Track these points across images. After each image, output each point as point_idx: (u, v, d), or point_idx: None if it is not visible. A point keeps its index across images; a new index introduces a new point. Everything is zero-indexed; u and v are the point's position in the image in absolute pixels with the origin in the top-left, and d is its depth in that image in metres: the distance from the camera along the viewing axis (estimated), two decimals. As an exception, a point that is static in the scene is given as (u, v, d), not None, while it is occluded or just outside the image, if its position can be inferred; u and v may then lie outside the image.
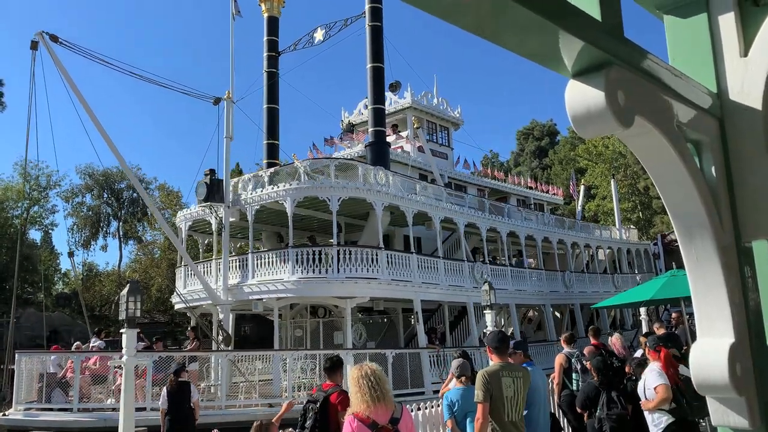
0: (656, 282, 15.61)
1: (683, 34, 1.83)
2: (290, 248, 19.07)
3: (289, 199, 18.95)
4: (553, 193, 38.77)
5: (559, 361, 10.14)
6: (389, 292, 19.81)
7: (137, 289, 11.19)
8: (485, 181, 33.09)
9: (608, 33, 1.32)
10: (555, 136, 70.55)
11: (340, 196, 18.98)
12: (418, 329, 20.02)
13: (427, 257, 21.96)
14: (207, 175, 19.48)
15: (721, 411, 1.56)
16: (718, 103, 1.70)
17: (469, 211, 24.20)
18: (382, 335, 22.61)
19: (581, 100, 1.28)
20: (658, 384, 6.21)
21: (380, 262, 19.11)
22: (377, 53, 24.43)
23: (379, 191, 19.92)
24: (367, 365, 4.47)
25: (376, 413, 4.20)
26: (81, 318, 42.27)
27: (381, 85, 24.70)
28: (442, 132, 31.86)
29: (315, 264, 18.50)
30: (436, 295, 21.39)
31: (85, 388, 15.31)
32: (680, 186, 1.50)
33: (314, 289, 18.69)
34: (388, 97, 29.28)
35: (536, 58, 1.28)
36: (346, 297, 18.70)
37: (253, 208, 19.89)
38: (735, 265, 1.60)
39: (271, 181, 20.05)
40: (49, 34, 15.90)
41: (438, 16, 1.12)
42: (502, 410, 5.23)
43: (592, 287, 30.55)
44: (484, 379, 5.29)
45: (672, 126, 1.46)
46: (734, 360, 1.50)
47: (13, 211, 45.91)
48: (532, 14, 1.12)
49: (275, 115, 27.81)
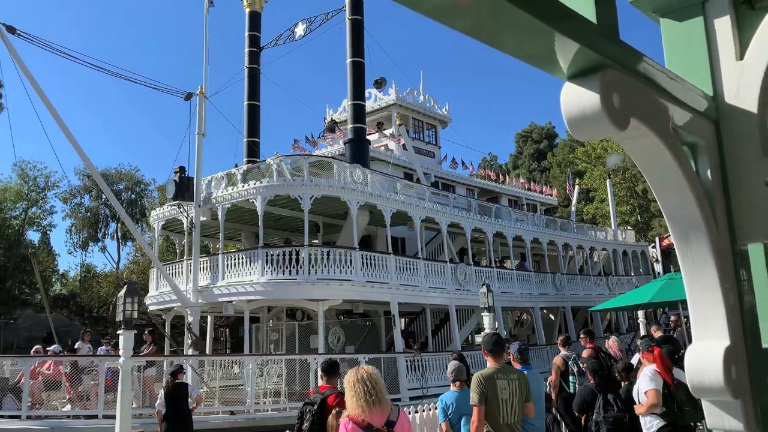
0: (654, 285, 15.65)
1: (679, 37, 1.83)
2: (260, 248, 18.41)
3: (259, 198, 18.29)
4: (547, 194, 37.93)
5: (556, 364, 10.15)
6: (364, 295, 19.16)
7: (135, 291, 11.20)
8: (475, 181, 32.35)
9: (603, 35, 1.32)
10: (554, 138, 70.63)
11: (313, 194, 18.29)
12: (395, 333, 19.41)
13: (405, 258, 21.23)
14: (176, 173, 18.72)
15: (717, 414, 1.56)
16: (714, 106, 1.71)
17: (453, 211, 23.41)
18: (362, 339, 21.84)
19: (576, 102, 1.28)
20: (649, 389, 6.24)
21: (355, 264, 18.44)
22: (357, 47, 23.86)
23: (354, 189, 19.17)
24: (363, 369, 4.47)
25: (371, 416, 4.21)
26: (79, 319, 42.27)
27: (361, 81, 24.06)
28: (429, 130, 31.05)
29: (285, 265, 17.79)
30: (415, 297, 20.78)
31: (38, 394, 14.62)
32: (676, 189, 1.50)
33: (284, 291, 17.98)
34: (372, 94, 28.82)
35: (532, 60, 1.28)
36: (318, 299, 18.02)
37: (224, 207, 19.23)
38: (730, 267, 1.61)
39: (245, 179, 19.33)
40: (5, 25, 14.38)
41: (434, 19, 1.12)
42: (498, 413, 5.21)
43: (584, 290, 29.91)
44: (479, 381, 5.27)
45: (667, 129, 1.46)
46: (729, 363, 1.50)
47: (11, 212, 45.87)
48: (528, 17, 1.12)
49: (256, 112, 27.09)
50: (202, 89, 19.10)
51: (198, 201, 18.95)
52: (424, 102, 30.47)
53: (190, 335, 17.88)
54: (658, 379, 6.27)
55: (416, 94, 30.18)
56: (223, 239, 20.35)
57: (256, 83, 27.29)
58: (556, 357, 10.45)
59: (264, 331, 22.91)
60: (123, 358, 10.78)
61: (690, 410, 5.91)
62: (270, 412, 15.84)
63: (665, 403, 6.12)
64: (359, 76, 23.92)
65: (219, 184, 19.95)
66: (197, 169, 18.91)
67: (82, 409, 14.49)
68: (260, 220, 18.46)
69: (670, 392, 6.07)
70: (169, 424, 10.50)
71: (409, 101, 29.31)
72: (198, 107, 18.81)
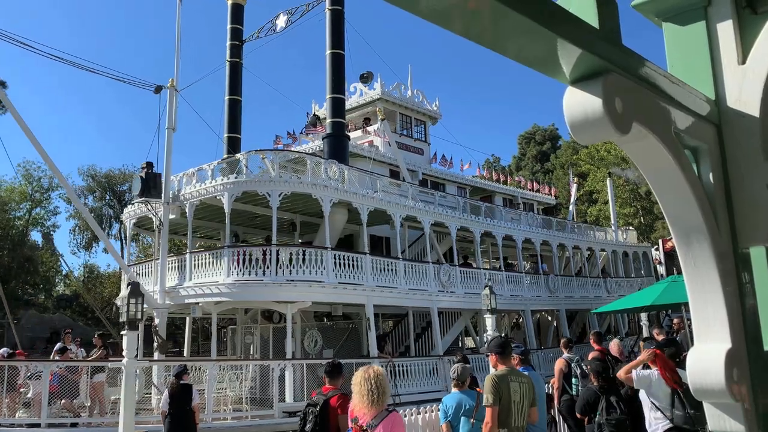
0: (657, 287, 15.63)
1: (682, 41, 1.84)
2: (226, 247, 17.67)
3: (226, 195, 17.53)
4: (546, 193, 36.58)
5: (559, 366, 10.15)
6: (336, 297, 18.32)
7: (138, 291, 11.22)
8: (467, 179, 31.12)
9: (606, 40, 1.33)
10: (557, 140, 70.55)
11: (282, 191, 17.46)
12: (370, 337, 18.53)
13: (383, 259, 20.23)
14: (143, 169, 17.81)
15: (718, 416, 1.57)
16: (716, 110, 1.72)
17: (438, 210, 22.31)
18: (342, 342, 20.69)
19: (579, 106, 1.29)
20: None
21: (327, 264, 17.61)
22: (337, 39, 23.05)
23: (327, 186, 18.25)
24: (372, 368, 4.74)
25: (361, 411, 4.55)
26: (82, 319, 42.38)
27: (341, 74, 23.18)
28: (418, 126, 29.83)
29: (251, 265, 17.01)
30: (394, 299, 19.85)
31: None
32: (678, 192, 1.51)
33: (251, 293, 17.13)
34: (357, 88, 28.07)
35: (534, 65, 1.29)
36: (287, 302, 17.23)
37: (192, 204, 18.38)
38: (732, 270, 1.61)
39: (215, 176, 18.50)
40: None
41: (433, 22, 1.13)
42: (510, 415, 5.24)
43: (580, 292, 28.75)
44: (494, 382, 5.30)
45: (670, 133, 1.47)
46: (731, 365, 1.51)
47: (15, 212, 46.00)
48: (530, 22, 1.13)
49: (237, 107, 26.12)
50: (173, 82, 18.36)
51: (167, 198, 18.21)
52: (413, 97, 29.25)
53: (156, 338, 17.24)
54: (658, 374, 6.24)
55: (403, 89, 28.98)
56: (192, 238, 19.54)
57: (238, 77, 26.34)
58: (559, 359, 10.45)
59: (240, 334, 22.20)
60: (126, 359, 10.80)
61: (698, 414, 5.86)
62: (229, 421, 15.08)
63: (674, 406, 6.08)
64: (339, 68, 23.05)
65: (190, 180, 19.12)
66: (167, 165, 18.15)
67: (27, 417, 13.45)
68: (227, 218, 17.74)
69: (679, 395, 6.03)
70: (172, 425, 10.54)
71: (395, 96, 28.16)
72: (169, 101, 18.10)
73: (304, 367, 16.31)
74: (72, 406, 13.85)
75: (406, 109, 28.82)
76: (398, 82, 28.86)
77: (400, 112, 28.60)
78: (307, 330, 19.61)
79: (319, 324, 21.33)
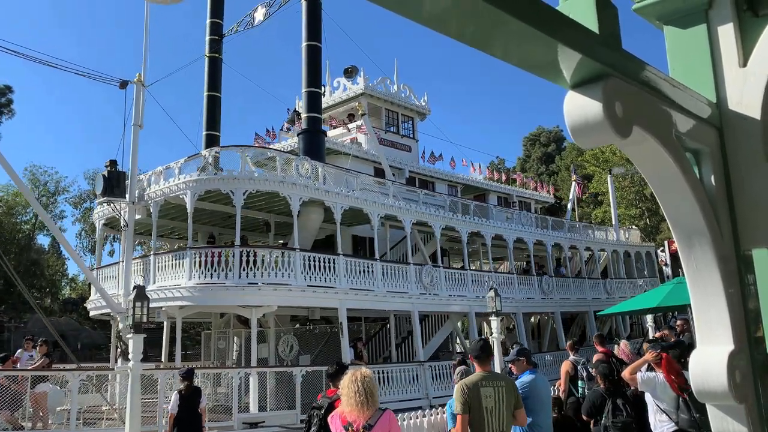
0: (663, 289, 15.59)
1: (683, 44, 1.85)
2: (188, 249, 16.75)
3: (189, 193, 16.76)
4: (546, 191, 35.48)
5: (565, 369, 10.13)
6: (305, 300, 17.47)
7: (144, 295, 11.26)
8: (459, 177, 29.92)
9: (606, 45, 1.34)
10: (561, 142, 70.44)
11: (246, 188, 16.66)
12: (342, 343, 17.62)
13: (359, 260, 19.23)
14: (107, 167, 17.04)
15: (720, 418, 1.58)
16: (717, 112, 1.72)
17: (421, 208, 21.30)
18: (320, 347, 19.67)
19: (580, 110, 1.30)
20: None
21: (294, 266, 16.75)
22: (314, 30, 22.26)
23: (295, 184, 17.29)
24: (360, 371, 4.71)
25: (354, 416, 4.50)
26: (88, 323, 42.51)
27: (317, 67, 22.36)
28: (406, 122, 28.65)
29: (214, 268, 16.19)
30: (371, 302, 18.86)
31: None
32: (679, 195, 1.51)
33: (213, 297, 16.20)
34: (341, 83, 27.35)
35: (535, 70, 1.30)
36: (251, 306, 16.46)
37: (157, 203, 17.64)
38: (734, 273, 1.62)
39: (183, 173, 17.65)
40: None
41: (433, 29, 1.14)
42: (482, 422, 5.08)
43: (577, 294, 27.47)
44: (462, 390, 5.15)
45: (671, 136, 1.48)
46: (734, 368, 1.51)
47: (21, 216, 46.26)
48: (530, 28, 1.14)
49: (217, 103, 25.07)
50: (140, 77, 17.59)
51: (132, 198, 17.45)
52: (399, 92, 27.94)
53: (120, 344, 16.49)
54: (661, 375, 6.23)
55: (389, 83, 27.70)
56: (156, 238, 18.81)
57: (218, 73, 25.31)
58: (565, 362, 10.43)
59: (214, 339, 21.41)
60: (133, 362, 10.83)
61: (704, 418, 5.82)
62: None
63: (680, 409, 6.05)
64: (315, 61, 22.18)
65: (158, 179, 18.29)
66: (132, 164, 17.45)
67: None
68: (189, 218, 16.96)
69: (685, 400, 6.00)
70: (181, 427, 10.58)
71: (380, 91, 26.97)
72: (135, 96, 17.39)
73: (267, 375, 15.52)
74: (13, 418, 12.92)
75: (392, 104, 27.76)
76: (383, 77, 27.82)
77: (386, 108, 27.55)
78: (282, 335, 18.70)
79: (296, 328, 20.39)
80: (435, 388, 18.87)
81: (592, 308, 27.49)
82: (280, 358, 18.02)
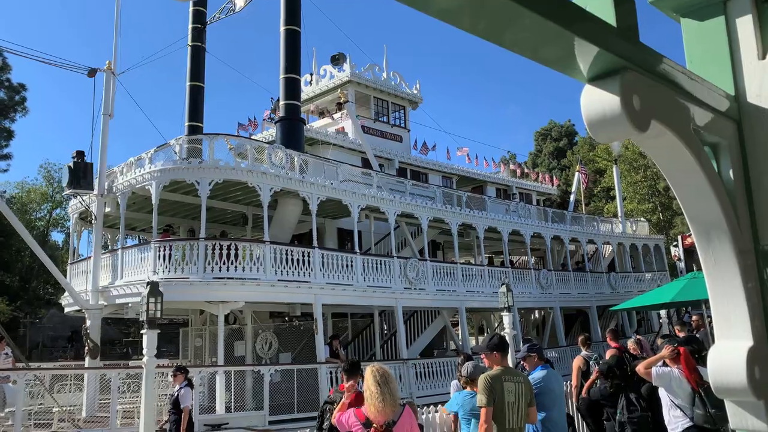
0: (677, 284, 15.49)
1: (700, 36, 1.83)
2: (153, 242, 16.16)
3: (154, 183, 16.21)
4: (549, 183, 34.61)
5: (577, 364, 10.10)
6: (276, 296, 16.73)
7: (157, 291, 11.35)
8: (454, 168, 29.00)
9: (623, 38, 1.33)
10: (573, 136, 70.05)
11: (213, 178, 16.00)
12: (317, 340, 16.92)
13: (336, 253, 18.50)
14: (73, 158, 16.52)
15: (740, 414, 1.56)
16: (736, 105, 1.70)
17: (406, 199, 20.46)
18: (302, 345, 18.88)
19: (597, 105, 1.29)
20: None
21: (264, 259, 16.06)
22: (292, 14, 21.46)
23: (265, 173, 16.56)
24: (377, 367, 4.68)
25: (375, 414, 4.45)
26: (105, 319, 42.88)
27: (296, 52, 21.57)
28: (397, 111, 27.73)
29: (178, 262, 15.55)
30: (350, 298, 18.18)
31: None
32: (697, 189, 1.50)
33: (177, 292, 15.19)
34: (328, 71, 26.63)
35: (551, 64, 1.29)
36: (217, 302, 15.84)
37: (125, 194, 17.11)
38: (753, 267, 1.60)
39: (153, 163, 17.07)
40: None
41: (445, 22, 1.13)
42: (504, 417, 5.10)
43: (578, 288, 26.56)
44: (487, 382, 5.15)
45: (689, 129, 1.46)
46: (753, 363, 1.50)
47: (36, 213, 46.75)
48: (548, 22, 1.13)
49: (199, 93, 24.34)
50: (111, 65, 17.14)
51: (101, 189, 16.99)
52: (388, 79, 27.00)
53: (87, 342, 16.14)
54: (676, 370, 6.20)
55: (377, 70, 26.78)
56: (124, 230, 18.29)
57: (200, 63, 24.50)
58: (577, 357, 10.40)
59: (191, 336, 20.83)
60: (147, 357, 10.93)
61: (720, 413, 5.78)
62: None
63: (695, 405, 6.01)
64: (294, 46, 21.41)
65: (130, 170, 17.68)
66: (101, 154, 16.99)
67: None
68: (155, 209, 16.40)
69: (700, 395, 5.97)
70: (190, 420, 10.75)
71: (368, 78, 26.12)
72: (105, 85, 17.08)
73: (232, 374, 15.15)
74: None
75: (381, 92, 26.90)
76: (371, 64, 26.80)
77: (374, 96, 26.77)
78: (260, 332, 18.10)
79: (276, 325, 19.68)
80: (420, 387, 18.29)
81: (595, 303, 26.87)
82: (258, 357, 17.45)
